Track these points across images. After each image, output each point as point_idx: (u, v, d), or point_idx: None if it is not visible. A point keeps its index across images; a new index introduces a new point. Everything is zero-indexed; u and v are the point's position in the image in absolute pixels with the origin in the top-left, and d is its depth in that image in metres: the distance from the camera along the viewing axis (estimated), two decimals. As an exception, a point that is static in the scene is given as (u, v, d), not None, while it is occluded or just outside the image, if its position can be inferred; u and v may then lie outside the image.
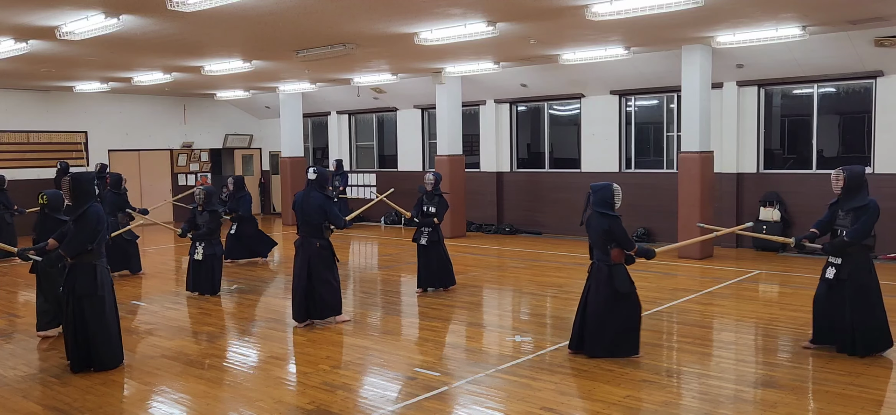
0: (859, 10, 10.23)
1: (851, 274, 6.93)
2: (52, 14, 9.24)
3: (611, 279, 6.97)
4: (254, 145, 24.14)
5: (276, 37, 11.20)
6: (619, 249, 6.97)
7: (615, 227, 6.93)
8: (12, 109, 18.79)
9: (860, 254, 6.98)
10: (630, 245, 6.97)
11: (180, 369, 7.15)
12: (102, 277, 6.94)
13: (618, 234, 6.93)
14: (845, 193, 6.99)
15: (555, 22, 10.41)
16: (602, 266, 7.05)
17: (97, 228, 6.84)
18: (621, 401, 6.00)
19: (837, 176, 7.01)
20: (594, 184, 7.27)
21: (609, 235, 6.95)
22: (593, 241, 7.16)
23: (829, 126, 14.50)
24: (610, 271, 6.98)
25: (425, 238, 10.51)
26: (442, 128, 17.17)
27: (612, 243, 6.97)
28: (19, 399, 6.31)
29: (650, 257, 7.18)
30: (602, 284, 7.02)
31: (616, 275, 6.97)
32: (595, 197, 7.08)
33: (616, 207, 7.05)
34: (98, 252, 6.93)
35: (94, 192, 7.01)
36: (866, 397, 6.02)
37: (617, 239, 6.94)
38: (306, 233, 8.58)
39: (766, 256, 13.39)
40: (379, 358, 7.45)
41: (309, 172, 8.75)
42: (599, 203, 7.04)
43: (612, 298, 6.99)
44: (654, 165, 16.01)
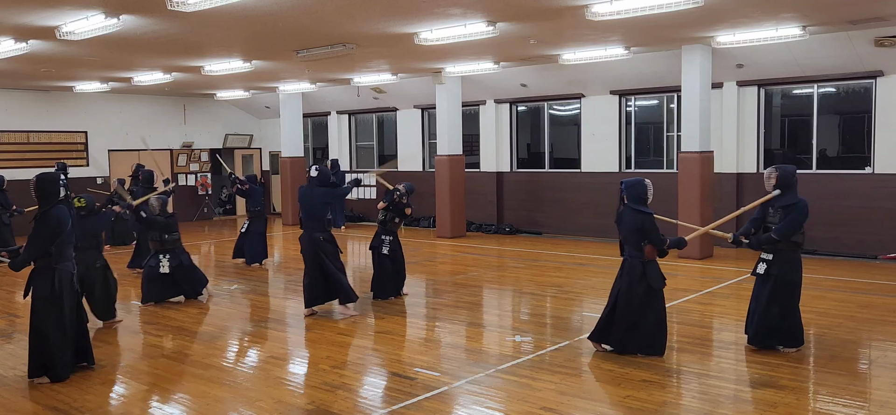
0: (859, 10, 10.23)
1: (780, 270, 7.08)
2: (52, 14, 9.24)
3: (645, 276, 7.03)
4: (254, 145, 24.14)
5: (276, 37, 11.20)
6: (651, 245, 7.03)
7: (648, 223, 7.00)
8: (12, 109, 18.78)
9: (789, 251, 7.11)
10: (662, 241, 7.04)
11: (180, 369, 7.15)
12: (62, 282, 6.63)
13: (650, 230, 7.00)
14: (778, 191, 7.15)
15: (555, 22, 10.41)
16: (635, 263, 7.09)
17: (57, 231, 6.56)
18: (621, 401, 6.00)
19: (769, 174, 7.20)
20: (626, 180, 7.32)
21: (642, 231, 7.01)
22: (625, 237, 7.21)
23: (829, 126, 14.49)
24: (644, 268, 7.05)
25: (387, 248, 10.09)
26: (442, 128, 17.17)
27: (645, 240, 7.02)
28: (19, 399, 6.31)
29: (682, 247, 7.31)
30: (635, 280, 7.07)
31: (650, 272, 7.05)
32: (628, 193, 7.14)
33: (648, 202, 7.13)
34: (60, 255, 6.64)
35: (58, 193, 6.68)
36: (866, 397, 6.02)
37: (649, 236, 7.00)
38: (310, 227, 9.02)
39: (766, 256, 13.38)
40: (379, 358, 7.45)
41: (311, 170, 9.16)
42: (633, 199, 7.10)
43: (646, 294, 7.04)
44: (654, 165, 16.01)
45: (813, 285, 10.70)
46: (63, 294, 6.65)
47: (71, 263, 6.79)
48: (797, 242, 7.10)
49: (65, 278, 6.68)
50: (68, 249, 6.75)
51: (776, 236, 7.01)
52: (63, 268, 6.67)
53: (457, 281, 11.61)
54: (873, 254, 12.79)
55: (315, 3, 8.84)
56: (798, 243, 7.12)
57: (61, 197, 6.70)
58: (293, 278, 12.08)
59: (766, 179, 7.24)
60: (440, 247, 15.72)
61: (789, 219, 6.99)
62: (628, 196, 7.13)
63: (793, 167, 7.29)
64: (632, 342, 7.16)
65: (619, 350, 7.23)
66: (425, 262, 13.81)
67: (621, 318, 7.16)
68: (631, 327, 7.12)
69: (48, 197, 6.64)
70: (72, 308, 6.78)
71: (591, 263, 13.14)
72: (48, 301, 6.61)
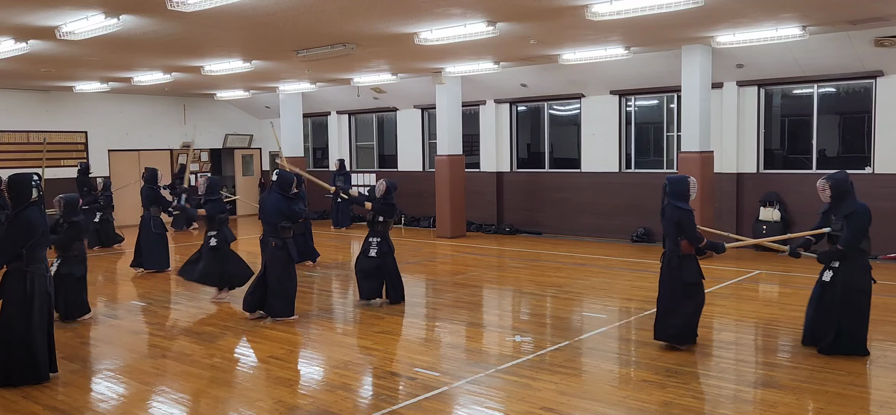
0: (859, 10, 10.23)
1: (845, 278, 7.02)
2: (52, 14, 9.24)
3: (680, 269, 7.18)
4: (254, 145, 24.14)
5: (276, 37, 11.20)
6: (688, 241, 7.17)
7: (685, 220, 7.12)
8: (12, 109, 18.78)
9: (856, 258, 7.04)
10: (698, 240, 7.17)
11: (180, 369, 7.15)
12: (34, 285, 6.53)
13: (687, 227, 7.11)
14: (834, 201, 7.10)
15: (555, 22, 10.41)
16: (672, 256, 7.26)
17: (29, 233, 6.49)
18: (621, 401, 6.00)
19: (823, 187, 7.14)
20: (671, 175, 7.45)
21: (679, 227, 7.14)
22: (666, 231, 7.36)
23: (829, 126, 14.49)
24: (680, 262, 7.19)
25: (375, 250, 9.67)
26: (442, 128, 17.17)
27: (682, 235, 7.16)
28: (19, 399, 6.31)
29: (720, 251, 7.49)
30: (672, 272, 7.26)
31: (686, 266, 7.20)
32: (671, 188, 7.26)
33: (690, 199, 7.24)
34: (32, 258, 6.55)
35: (31, 195, 6.57)
36: (866, 397, 6.02)
37: (686, 232, 7.13)
38: (266, 231, 9.06)
39: (766, 257, 13.38)
40: (379, 358, 7.45)
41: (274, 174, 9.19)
42: (675, 195, 7.22)
43: (684, 287, 7.21)
44: (654, 165, 16.01)
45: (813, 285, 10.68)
46: (34, 297, 6.57)
47: (43, 265, 6.70)
48: (863, 248, 7.03)
49: (38, 281, 6.60)
50: (41, 251, 6.67)
51: (843, 247, 6.96)
52: (35, 270, 6.59)
53: (457, 281, 11.61)
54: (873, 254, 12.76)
55: (315, 3, 8.84)
56: (864, 250, 7.05)
57: (33, 199, 6.60)
58: (293, 278, 12.07)
59: (820, 191, 7.16)
60: (440, 247, 15.72)
61: (852, 227, 6.92)
62: (670, 192, 7.26)
63: (844, 174, 7.20)
64: (665, 330, 7.34)
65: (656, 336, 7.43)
66: (425, 262, 13.81)
67: (661, 305, 7.40)
68: (665, 314, 7.32)
69: (20, 199, 6.54)
70: (43, 311, 6.67)
71: (591, 263, 13.14)
72: (19, 305, 6.52)
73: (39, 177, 6.79)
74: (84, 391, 6.53)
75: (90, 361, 7.51)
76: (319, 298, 10.75)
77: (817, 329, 7.20)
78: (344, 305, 10.32)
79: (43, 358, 6.69)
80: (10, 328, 6.52)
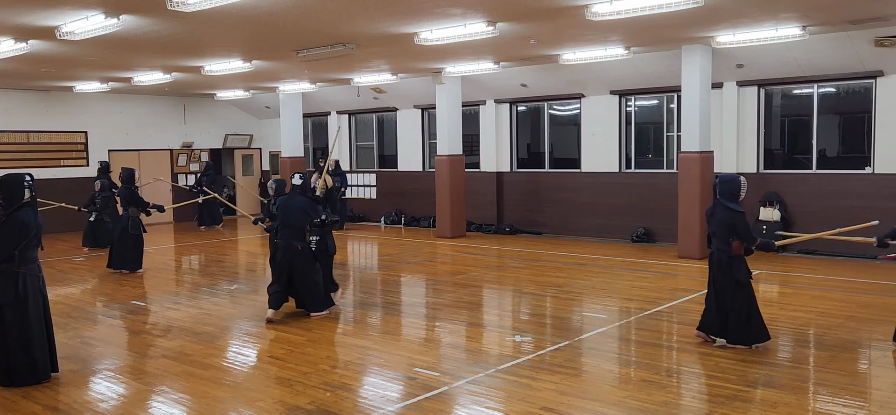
0: (859, 10, 10.23)
1: None
2: (52, 14, 9.24)
3: (731, 269, 7.24)
4: (254, 145, 24.14)
5: (276, 37, 11.20)
6: (739, 242, 7.21)
7: (740, 222, 7.18)
8: (12, 109, 18.78)
9: None
10: (752, 240, 7.24)
11: (180, 369, 7.15)
12: (26, 286, 6.55)
13: (741, 228, 7.17)
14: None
15: (555, 22, 10.41)
16: (722, 256, 7.31)
17: (22, 234, 6.50)
18: (621, 401, 6.01)
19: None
20: (721, 174, 7.49)
21: (733, 228, 7.19)
22: (714, 231, 7.38)
23: (829, 126, 14.49)
24: (730, 262, 7.25)
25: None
26: (442, 128, 17.16)
27: (734, 236, 7.20)
28: (19, 399, 6.31)
29: (770, 250, 7.63)
30: (724, 273, 7.31)
31: (736, 266, 7.25)
32: (721, 188, 7.32)
33: (741, 199, 7.31)
34: (24, 259, 6.54)
35: (23, 195, 6.58)
36: (866, 397, 6.02)
37: (740, 233, 7.18)
38: (289, 236, 8.96)
39: (766, 256, 13.38)
40: (379, 358, 7.45)
41: (294, 177, 9.19)
42: (725, 196, 7.28)
43: (735, 287, 7.26)
44: (654, 164, 16.01)
45: (813, 285, 10.71)
46: (28, 298, 6.57)
47: (36, 265, 6.71)
48: None
49: (30, 281, 6.61)
50: (32, 251, 6.67)
51: None
52: (28, 271, 6.60)
53: (457, 281, 11.61)
54: (873, 254, 12.78)
55: (315, 3, 8.84)
56: None
57: (26, 199, 6.60)
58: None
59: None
60: (440, 247, 15.72)
61: None
62: (721, 192, 7.30)
63: None
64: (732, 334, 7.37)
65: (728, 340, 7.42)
66: (425, 262, 13.81)
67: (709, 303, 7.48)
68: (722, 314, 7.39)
69: (13, 199, 6.55)
70: (38, 311, 6.68)
71: (591, 263, 13.14)
72: (13, 306, 6.51)
73: (32, 178, 6.78)
74: (84, 391, 6.53)
75: (90, 361, 7.51)
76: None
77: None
78: (344, 305, 10.32)
79: (42, 358, 6.70)
80: (7, 330, 6.52)
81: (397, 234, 18.37)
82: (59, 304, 10.30)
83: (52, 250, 15.79)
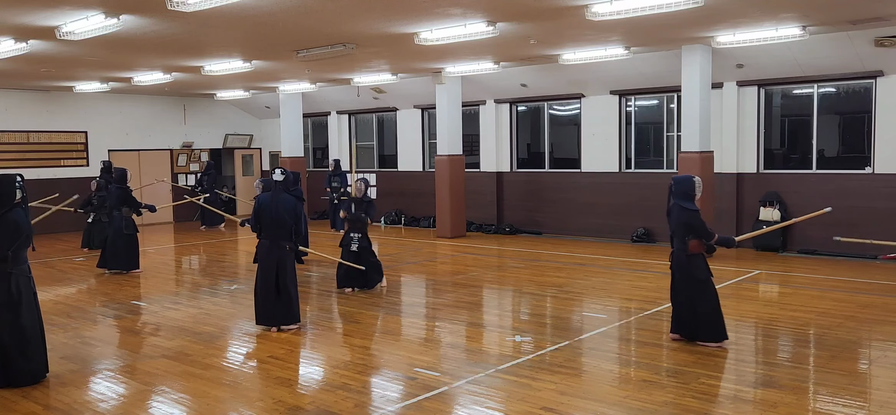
0: (859, 10, 10.23)
1: None
2: (52, 14, 9.24)
3: (689, 267, 7.38)
4: (254, 145, 24.14)
5: (276, 37, 11.20)
6: (698, 240, 7.36)
7: (694, 220, 7.32)
8: (12, 109, 18.79)
9: None
10: (709, 235, 7.36)
11: (180, 369, 7.14)
12: (19, 286, 6.54)
13: (697, 226, 7.31)
14: None
15: (555, 22, 10.41)
16: (680, 255, 7.46)
17: (14, 235, 6.48)
18: (621, 401, 6.00)
19: None
20: (676, 176, 7.65)
21: (688, 227, 7.33)
22: (673, 230, 7.53)
23: (829, 126, 14.49)
24: (688, 260, 7.38)
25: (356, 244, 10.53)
26: (442, 128, 17.16)
27: (691, 235, 7.34)
28: (19, 399, 6.31)
29: (730, 246, 7.72)
30: (682, 271, 7.46)
31: (694, 265, 7.39)
32: (676, 188, 7.47)
33: (696, 199, 7.43)
34: (16, 259, 6.52)
35: (14, 195, 6.55)
36: (867, 397, 6.02)
37: (696, 231, 7.32)
38: (276, 236, 8.34)
39: (766, 256, 13.40)
40: (379, 358, 7.45)
41: (275, 173, 8.52)
42: (680, 196, 7.42)
43: (695, 285, 7.39)
44: (654, 164, 16.01)
45: (813, 285, 10.71)
46: (21, 298, 6.55)
47: (27, 266, 6.69)
48: None
49: (22, 282, 6.60)
50: (24, 252, 6.64)
51: None
52: (19, 272, 6.58)
53: (457, 281, 11.61)
54: (873, 254, 12.78)
55: (315, 3, 8.84)
56: None
57: (17, 200, 6.58)
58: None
59: None
60: (440, 247, 15.72)
61: None
62: (676, 192, 7.44)
63: None
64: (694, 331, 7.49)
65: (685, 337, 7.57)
66: (425, 262, 13.81)
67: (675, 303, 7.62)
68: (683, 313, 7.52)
69: (5, 200, 6.53)
70: (31, 312, 6.66)
71: (591, 263, 13.14)
72: (6, 307, 6.50)
73: (22, 178, 6.78)
74: (84, 391, 6.53)
75: (90, 361, 7.50)
76: (319, 298, 10.74)
77: None
78: (344, 305, 10.32)
79: (37, 358, 6.70)
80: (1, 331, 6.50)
81: (397, 234, 18.37)
82: (59, 304, 10.31)
83: (52, 250, 15.79)
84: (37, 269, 13.20)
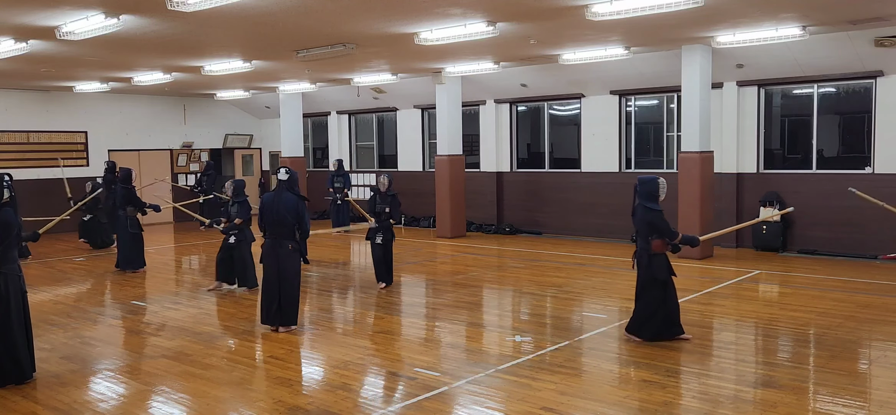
0: (859, 10, 10.23)
1: None
2: (52, 14, 9.24)
3: (651, 267, 7.52)
4: (254, 145, 24.14)
5: (276, 37, 11.20)
6: (661, 240, 7.51)
7: (657, 219, 7.48)
8: (12, 109, 18.78)
9: None
10: (672, 235, 7.53)
11: (180, 369, 7.14)
12: (8, 285, 6.52)
13: (660, 226, 7.48)
14: None
15: (555, 22, 10.41)
16: (643, 254, 7.60)
17: (4, 234, 6.48)
18: (621, 401, 6.00)
19: None
20: (641, 177, 7.78)
21: (652, 226, 7.49)
22: (638, 230, 7.70)
23: (829, 126, 14.49)
24: (650, 260, 7.53)
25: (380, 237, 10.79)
26: (442, 128, 17.17)
27: (654, 234, 7.49)
28: (19, 399, 6.31)
29: (694, 245, 7.86)
30: (643, 270, 7.61)
31: (656, 264, 7.53)
32: (641, 189, 7.62)
33: (660, 199, 7.59)
34: (5, 258, 6.52)
35: (2, 196, 6.57)
36: (867, 397, 6.02)
37: (659, 230, 7.48)
38: (278, 234, 8.31)
39: (766, 256, 13.40)
40: (379, 358, 7.45)
41: (280, 172, 8.47)
42: (644, 196, 7.59)
43: (654, 285, 7.54)
44: (654, 165, 16.01)
45: (813, 285, 10.71)
46: (10, 297, 6.54)
47: (17, 265, 6.68)
48: None
49: (11, 281, 6.59)
50: (13, 251, 6.64)
51: None
52: (8, 271, 6.57)
53: (457, 281, 11.61)
54: (873, 254, 12.78)
55: (315, 3, 8.84)
56: None
57: (6, 199, 6.59)
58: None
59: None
60: (440, 247, 15.72)
61: None
62: (640, 193, 7.60)
63: None
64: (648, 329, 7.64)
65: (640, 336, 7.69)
66: (425, 262, 13.81)
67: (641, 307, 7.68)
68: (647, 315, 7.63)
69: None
70: (19, 311, 6.64)
71: (591, 263, 13.14)
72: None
73: (10, 178, 6.78)
74: (84, 391, 6.53)
75: (90, 361, 7.50)
76: (319, 298, 10.75)
77: None
78: (344, 305, 10.33)
79: (25, 357, 6.69)
80: None
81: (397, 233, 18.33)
82: (58, 304, 10.31)
83: (52, 250, 15.80)
84: (37, 269, 13.26)
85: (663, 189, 7.59)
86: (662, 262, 7.55)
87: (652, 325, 7.60)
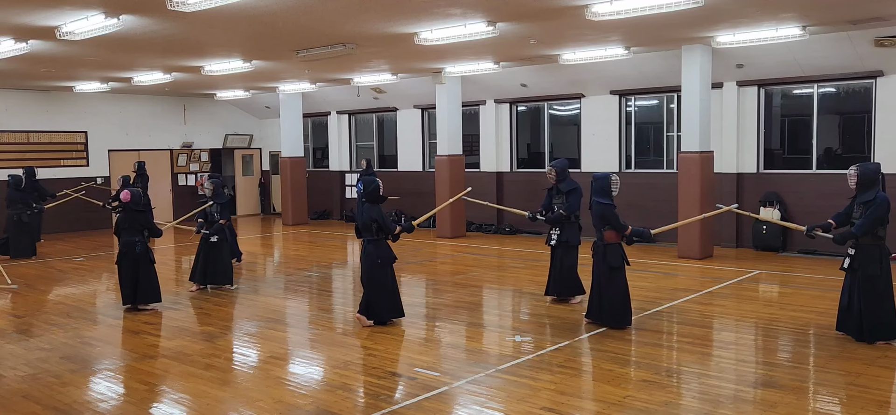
0: (859, 10, 10.23)
1: (861, 263, 7.40)
2: (52, 14, 9.24)
3: (605, 256, 8.14)
4: (254, 145, 24.14)
5: (276, 37, 11.20)
6: (613, 231, 8.12)
7: (607, 212, 8.08)
8: (12, 109, 18.78)
9: (870, 245, 7.38)
10: (622, 228, 8.10)
11: (180, 369, 7.15)
12: None
13: (610, 218, 8.08)
14: (858, 189, 7.51)
15: (555, 22, 10.41)
16: (599, 245, 8.26)
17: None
18: (621, 401, 6.00)
19: (851, 174, 7.55)
20: (596, 174, 8.36)
21: (604, 219, 8.10)
22: (593, 223, 8.30)
23: (829, 126, 14.49)
24: (605, 249, 8.16)
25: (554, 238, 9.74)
26: (442, 128, 17.16)
27: (606, 226, 8.11)
28: (19, 399, 6.31)
29: (648, 240, 8.37)
30: (600, 260, 8.23)
31: (610, 253, 8.15)
32: (594, 185, 8.22)
33: (613, 194, 8.16)
34: None
35: None
36: (867, 398, 6.01)
37: (610, 223, 8.09)
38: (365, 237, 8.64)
39: (766, 256, 13.39)
40: (379, 358, 7.45)
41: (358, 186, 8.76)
42: (597, 192, 8.16)
43: (609, 272, 8.13)
44: (654, 164, 16.01)
45: (813, 285, 10.70)
46: None
47: None
48: (880, 235, 7.36)
49: None
50: None
51: (856, 232, 7.37)
52: None
53: (457, 281, 11.61)
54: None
55: (315, 3, 8.84)
56: (880, 237, 7.38)
57: None
58: (293, 278, 12.09)
59: (848, 178, 7.59)
60: (440, 247, 15.72)
61: (868, 214, 7.30)
62: (594, 189, 8.18)
63: (876, 165, 7.72)
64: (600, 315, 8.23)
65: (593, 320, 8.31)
66: (425, 262, 13.81)
67: (594, 294, 8.34)
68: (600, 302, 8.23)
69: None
70: None
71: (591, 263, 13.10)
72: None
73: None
74: (84, 391, 6.53)
75: (90, 361, 7.51)
76: (319, 298, 10.75)
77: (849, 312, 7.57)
78: (343, 305, 10.32)
79: None
80: None
81: (397, 234, 18.33)
82: (59, 304, 10.32)
83: (52, 250, 15.80)
84: (37, 269, 13.25)
85: (616, 185, 8.17)
86: (616, 251, 8.13)
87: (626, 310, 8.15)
